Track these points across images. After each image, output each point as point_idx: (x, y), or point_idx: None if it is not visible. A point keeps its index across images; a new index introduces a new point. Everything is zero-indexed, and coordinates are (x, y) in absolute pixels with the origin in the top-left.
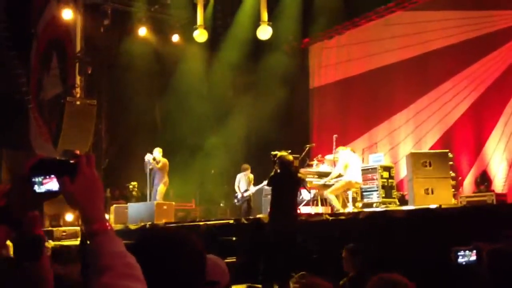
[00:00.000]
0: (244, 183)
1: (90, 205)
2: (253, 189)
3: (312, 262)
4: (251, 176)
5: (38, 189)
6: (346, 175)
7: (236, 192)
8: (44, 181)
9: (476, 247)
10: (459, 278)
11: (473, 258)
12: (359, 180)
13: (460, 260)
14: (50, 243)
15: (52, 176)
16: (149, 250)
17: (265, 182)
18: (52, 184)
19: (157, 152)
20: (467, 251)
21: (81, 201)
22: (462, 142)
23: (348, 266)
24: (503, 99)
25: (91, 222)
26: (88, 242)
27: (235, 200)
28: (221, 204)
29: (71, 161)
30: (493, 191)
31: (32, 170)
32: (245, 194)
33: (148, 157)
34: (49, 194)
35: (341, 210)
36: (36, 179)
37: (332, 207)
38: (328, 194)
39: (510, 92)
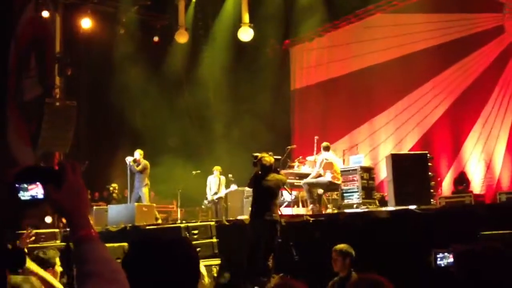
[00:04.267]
0: (214, 185)
1: (75, 212)
2: (223, 192)
3: (293, 264)
4: (222, 178)
5: (22, 196)
6: (325, 175)
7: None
8: (29, 188)
9: (455, 249)
10: (438, 281)
11: (452, 260)
12: (338, 181)
13: (439, 262)
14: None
15: (37, 183)
16: (146, 255)
17: (234, 187)
18: (37, 191)
19: (138, 153)
20: (445, 253)
21: (67, 209)
22: (441, 144)
23: (338, 267)
24: (481, 100)
25: (77, 229)
26: (74, 248)
27: (205, 202)
28: (203, 206)
29: (57, 169)
30: (471, 192)
31: (17, 178)
32: (215, 197)
33: (128, 159)
34: (34, 201)
35: (309, 208)
36: (21, 186)
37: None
38: (305, 183)
39: (488, 94)
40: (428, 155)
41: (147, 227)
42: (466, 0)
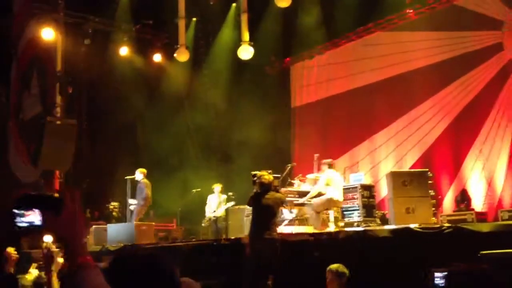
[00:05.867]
0: (214, 204)
1: (73, 239)
2: (220, 209)
3: (293, 283)
4: (223, 196)
5: (20, 222)
6: (327, 192)
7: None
8: (26, 214)
9: (451, 268)
10: None
11: None
12: (340, 199)
13: (437, 281)
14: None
15: (35, 210)
16: (122, 272)
17: (231, 203)
18: (34, 218)
19: (139, 173)
20: (443, 273)
21: (64, 236)
22: (441, 161)
23: (335, 287)
24: (481, 118)
25: (73, 256)
26: (71, 275)
27: (204, 220)
28: (203, 224)
29: (56, 196)
30: (473, 209)
31: (16, 204)
32: (212, 216)
33: (132, 177)
34: (32, 228)
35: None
36: (19, 213)
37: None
38: (313, 211)
39: (487, 111)
40: (429, 172)
41: (146, 246)
42: (464, 18)
